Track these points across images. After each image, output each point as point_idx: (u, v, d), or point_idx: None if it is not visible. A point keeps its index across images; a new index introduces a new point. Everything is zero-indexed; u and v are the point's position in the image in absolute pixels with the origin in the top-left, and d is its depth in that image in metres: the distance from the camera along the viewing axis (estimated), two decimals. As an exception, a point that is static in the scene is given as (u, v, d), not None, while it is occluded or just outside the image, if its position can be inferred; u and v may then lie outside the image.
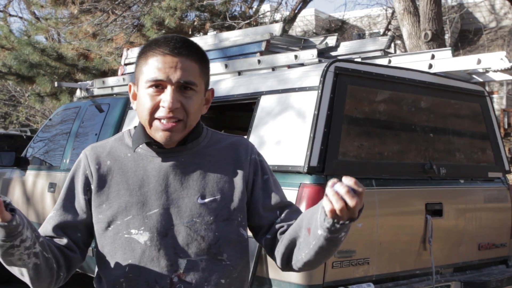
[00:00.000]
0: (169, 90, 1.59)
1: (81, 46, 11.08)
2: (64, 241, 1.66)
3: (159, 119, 1.59)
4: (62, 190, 1.71)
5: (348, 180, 1.37)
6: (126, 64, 5.82)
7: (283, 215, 1.69)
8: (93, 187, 1.66)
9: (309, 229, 1.51)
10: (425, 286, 3.69)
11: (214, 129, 1.79)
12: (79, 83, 6.35)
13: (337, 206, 1.36)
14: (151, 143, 1.66)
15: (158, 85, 1.59)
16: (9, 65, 11.05)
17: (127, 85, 5.34)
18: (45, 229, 1.68)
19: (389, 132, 3.84)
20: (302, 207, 3.18)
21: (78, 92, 6.14)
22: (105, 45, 11.01)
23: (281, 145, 3.49)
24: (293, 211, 1.71)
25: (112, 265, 1.63)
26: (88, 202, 1.67)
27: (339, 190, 1.36)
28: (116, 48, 10.72)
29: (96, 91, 5.77)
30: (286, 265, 1.66)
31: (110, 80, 5.60)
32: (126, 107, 4.96)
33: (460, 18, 23.38)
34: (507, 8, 21.85)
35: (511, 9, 19.36)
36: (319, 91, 3.40)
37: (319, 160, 3.30)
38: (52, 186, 5.33)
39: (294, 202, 3.20)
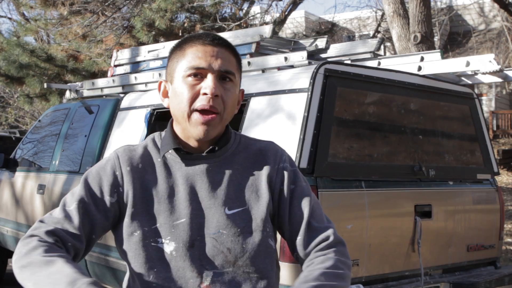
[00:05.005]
0: (210, 77, 1.57)
1: (71, 47, 11.03)
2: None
3: (199, 111, 1.56)
4: (79, 189, 1.60)
5: None
6: (116, 66, 5.80)
7: (302, 234, 1.62)
8: (123, 189, 1.59)
9: None
10: (414, 287, 3.70)
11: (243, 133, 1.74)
12: (69, 84, 6.32)
13: None
14: (180, 149, 1.61)
15: (197, 74, 1.57)
16: (-2, 66, 10.99)
17: (116, 86, 5.33)
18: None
19: (378, 134, 3.85)
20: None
21: (67, 94, 6.12)
22: (95, 46, 10.96)
23: (271, 146, 3.49)
24: (312, 230, 1.62)
25: (135, 273, 1.57)
26: (113, 205, 1.59)
27: None
28: (106, 50, 10.68)
29: (86, 93, 5.75)
30: None
31: (100, 82, 5.58)
32: (116, 108, 4.93)
33: (449, 20, 23.52)
34: (496, 11, 21.99)
35: (500, 11, 19.46)
36: (309, 93, 3.40)
37: (308, 162, 3.30)
38: (41, 188, 5.30)
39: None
